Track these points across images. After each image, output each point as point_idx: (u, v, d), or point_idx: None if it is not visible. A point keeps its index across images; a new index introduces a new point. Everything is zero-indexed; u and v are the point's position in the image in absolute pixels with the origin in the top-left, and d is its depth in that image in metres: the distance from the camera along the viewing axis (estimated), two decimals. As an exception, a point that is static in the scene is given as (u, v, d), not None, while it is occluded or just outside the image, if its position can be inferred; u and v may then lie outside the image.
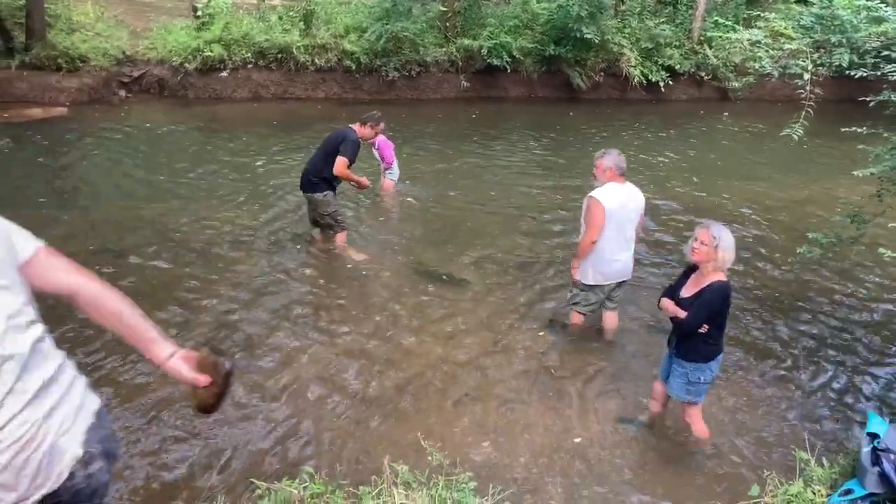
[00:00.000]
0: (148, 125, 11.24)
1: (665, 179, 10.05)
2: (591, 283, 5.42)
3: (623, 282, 5.56)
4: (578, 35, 13.97)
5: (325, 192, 6.76)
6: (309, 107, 13.17)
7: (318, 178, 6.71)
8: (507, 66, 14.13)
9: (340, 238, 7.06)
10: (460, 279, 6.70)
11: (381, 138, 8.23)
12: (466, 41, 14.09)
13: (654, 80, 14.96)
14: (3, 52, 11.88)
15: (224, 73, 12.99)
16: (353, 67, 13.58)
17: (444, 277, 6.72)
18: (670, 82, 15.12)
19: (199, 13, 13.31)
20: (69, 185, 8.66)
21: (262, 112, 12.62)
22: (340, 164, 6.52)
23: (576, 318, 5.72)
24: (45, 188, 8.39)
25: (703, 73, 15.54)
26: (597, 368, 5.39)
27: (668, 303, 4.20)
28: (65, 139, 10.26)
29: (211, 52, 12.72)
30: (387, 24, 13.42)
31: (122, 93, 12.47)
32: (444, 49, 14.18)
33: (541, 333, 5.82)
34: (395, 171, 8.61)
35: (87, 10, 13.48)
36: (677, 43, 15.48)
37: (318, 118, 12.28)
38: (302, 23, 13.64)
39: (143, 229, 7.32)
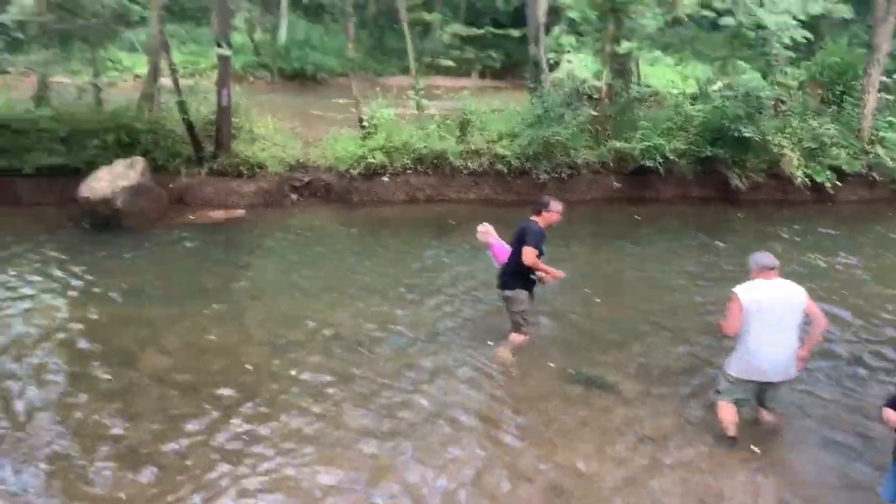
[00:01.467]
0: (315, 226, 12.07)
1: (843, 285, 9.34)
2: (734, 374, 5.26)
3: (781, 382, 5.27)
4: (736, 135, 13.65)
5: (516, 290, 6.84)
6: (462, 208, 13.60)
7: (511, 276, 6.84)
8: (660, 168, 13.97)
9: (518, 338, 7.04)
10: (614, 385, 6.48)
11: (495, 242, 8.32)
12: (618, 143, 14.14)
13: (819, 180, 14.19)
14: (195, 160, 13.30)
15: (385, 178, 13.76)
16: (505, 171, 13.96)
17: (598, 383, 6.53)
18: (838, 183, 14.27)
19: (366, 124, 14.34)
20: (244, 280, 9.37)
21: (417, 213, 13.20)
22: (529, 254, 6.57)
23: (723, 413, 5.39)
24: (223, 283, 9.12)
25: (875, 174, 14.57)
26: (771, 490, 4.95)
27: (892, 414, 3.92)
28: (242, 239, 11.20)
29: (374, 159, 13.56)
30: (538, 129, 13.79)
31: (294, 196, 13.49)
32: (595, 151, 14.31)
33: (704, 448, 5.46)
34: None
35: (268, 123, 14.92)
36: (844, 143, 14.69)
37: (470, 218, 12.58)
38: (458, 130, 14.33)
39: (307, 324, 7.72)
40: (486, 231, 8.21)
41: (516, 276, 6.82)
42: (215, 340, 7.27)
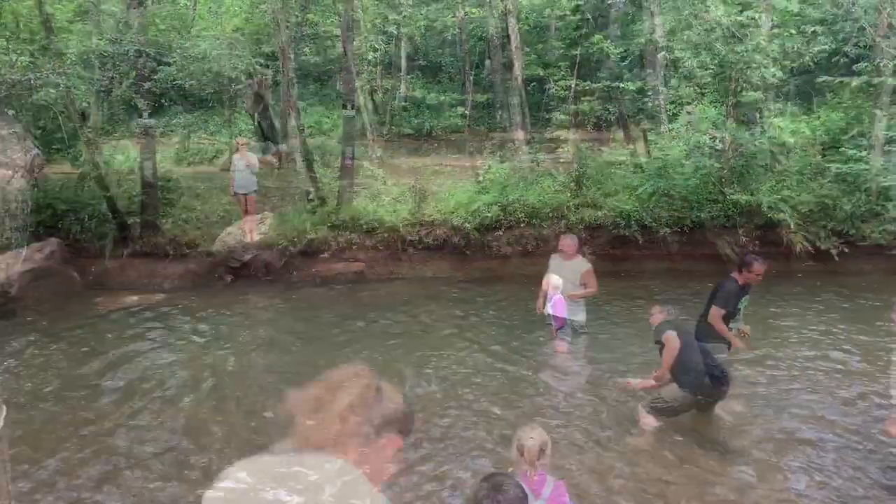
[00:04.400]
0: (427, 278, 12.13)
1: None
2: None
3: None
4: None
5: (712, 344, 6.59)
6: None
7: (704, 330, 6.64)
8: (790, 221, 13.17)
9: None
10: (736, 451, 6.00)
11: (557, 297, 8.01)
12: (744, 197, 13.45)
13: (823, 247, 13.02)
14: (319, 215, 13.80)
15: (499, 232, 13.76)
16: (623, 223, 13.63)
17: (720, 448, 6.07)
18: (845, 250, 13.00)
19: (480, 178, 14.48)
20: (377, 328, 9.49)
21: (531, 267, 13.03)
22: (715, 316, 6.44)
23: None
24: (350, 337, 9.26)
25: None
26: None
27: None
28: (361, 295, 11.40)
29: (489, 213, 13.61)
30: (658, 182, 13.47)
31: (409, 250, 13.60)
32: (719, 205, 13.74)
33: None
34: (569, 332, 8.24)
35: (386, 179, 15.36)
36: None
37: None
38: (573, 184, 14.19)
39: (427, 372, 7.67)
40: (557, 285, 8.06)
41: (710, 330, 6.58)
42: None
